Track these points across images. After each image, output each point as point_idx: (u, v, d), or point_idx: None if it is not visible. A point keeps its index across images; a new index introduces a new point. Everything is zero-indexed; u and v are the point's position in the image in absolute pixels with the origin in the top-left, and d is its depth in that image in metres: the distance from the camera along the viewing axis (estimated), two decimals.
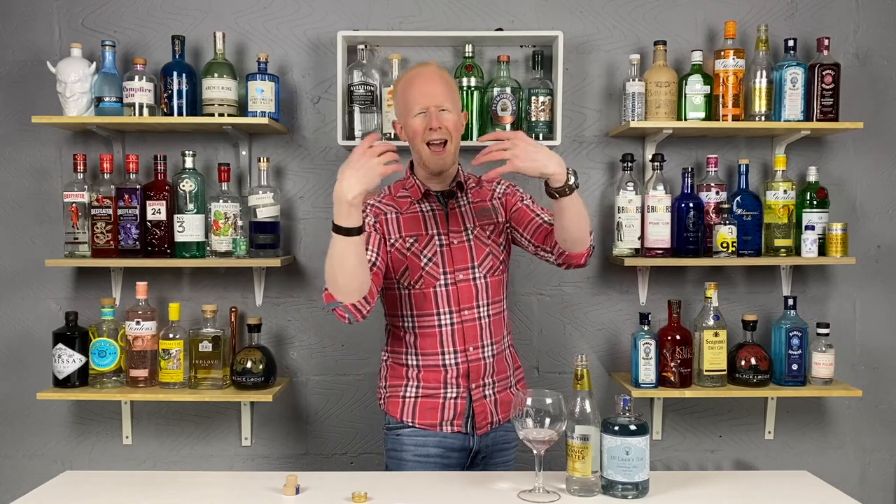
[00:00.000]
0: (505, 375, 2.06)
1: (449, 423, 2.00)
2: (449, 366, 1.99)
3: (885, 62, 2.71)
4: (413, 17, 2.67)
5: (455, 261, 1.99)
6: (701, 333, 2.49)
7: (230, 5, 2.67)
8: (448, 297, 1.98)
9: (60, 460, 2.74)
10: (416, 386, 2.02)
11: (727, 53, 2.51)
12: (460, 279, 1.98)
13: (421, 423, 2.00)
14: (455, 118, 1.96)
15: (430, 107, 1.93)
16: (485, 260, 2.01)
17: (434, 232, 2.00)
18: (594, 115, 2.70)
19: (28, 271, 2.70)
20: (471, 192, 2.07)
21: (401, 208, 2.03)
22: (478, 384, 2.00)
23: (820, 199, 2.60)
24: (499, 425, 2.04)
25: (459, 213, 2.03)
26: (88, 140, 2.67)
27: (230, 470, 2.70)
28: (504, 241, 2.07)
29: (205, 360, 2.49)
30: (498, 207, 2.08)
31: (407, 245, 1.99)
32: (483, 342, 2.00)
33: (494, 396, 2.03)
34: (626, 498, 1.64)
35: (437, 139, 1.94)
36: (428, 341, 2.00)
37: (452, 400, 1.99)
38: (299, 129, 2.70)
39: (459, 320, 1.98)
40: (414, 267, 1.98)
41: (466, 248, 2.00)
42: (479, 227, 2.03)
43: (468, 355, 1.99)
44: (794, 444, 2.77)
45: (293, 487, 1.70)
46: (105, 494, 1.74)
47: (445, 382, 1.99)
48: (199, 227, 2.54)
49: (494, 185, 2.10)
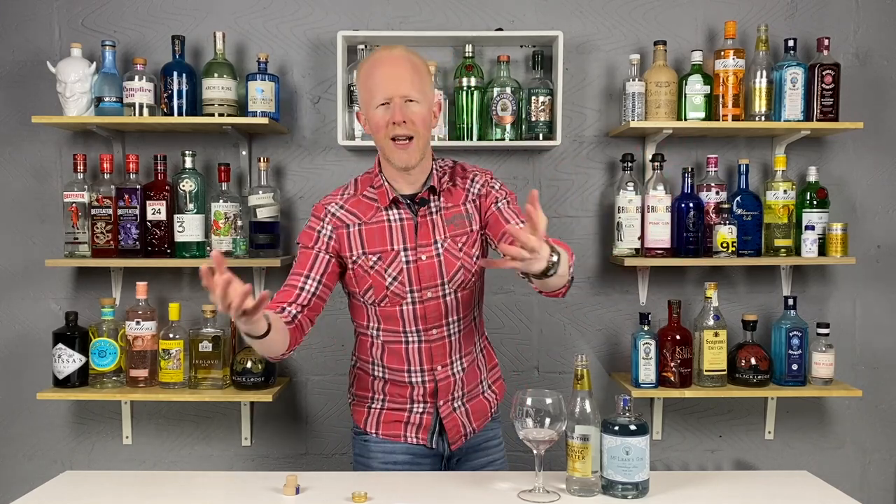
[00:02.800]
0: (475, 383, 1.96)
1: (413, 435, 1.91)
2: (416, 383, 1.89)
3: (885, 62, 2.71)
4: (413, 17, 2.67)
5: (422, 279, 1.83)
6: (701, 333, 2.49)
7: (230, 5, 2.67)
8: (415, 316, 1.84)
9: (60, 460, 2.74)
10: (381, 399, 1.93)
11: (727, 53, 2.51)
12: (428, 297, 1.84)
13: (384, 433, 1.93)
14: (423, 110, 1.75)
15: (395, 97, 1.73)
16: (455, 275, 1.84)
17: (400, 247, 1.83)
18: (594, 115, 2.70)
19: (28, 271, 2.70)
20: (443, 196, 1.86)
21: (365, 216, 1.85)
22: (446, 400, 1.90)
23: (820, 199, 2.60)
24: (474, 435, 1.95)
25: (430, 222, 1.84)
26: (88, 140, 2.67)
27: (230, 470, 2.70)
28: (478, 252, 1.88)
29: (205, 360, 2.49)
30: (472, 212, 1.87)
31: (370, 263, 1.83)
32: (452, 359, 1.90)
33: (465, 407, 1.93)
34: (626, 498, 1.64)
35: (401, 135, 1.74)
36: (394, 357, 1.89)
37: (418, 415, 1.91)
38: (299, 129, 2.70)
39: (427, 339, 1.86)
40: (378, 286, 1.83)
41: (435, 265, 1.83)
42: (451, 238, 1.84)
43: (436, 374, 1.88)
44: (794, 444, 2.77)
45: (293, 487, 1.70)
46: (105, 494, 1.74)
47: (412, 398, 1.91)
48: (199, 227, 2.54)
49: (468, 182, 1.88)
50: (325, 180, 2.69)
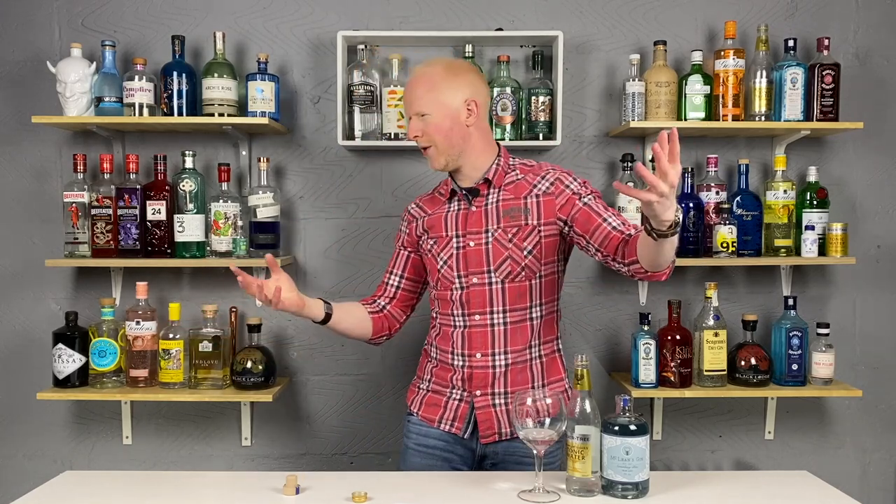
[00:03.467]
0: (524, 387, 1.94)
1: (448, 422, 1.99)
2: (456, 367, 1.98)
3: (885, 62, 2.71)
4: (413, 17, 2.67)
5: (469, 264, 1.94)
6: (701, 333, 2.49)
7: (230, 5, 2.67)
8: (461, 300, 1.96)
9: (60, 460, 2.74)
10: (429, 380, 2.05)
11: (727, 53, 2.51)
12: (474, 283, 1.94)
13: (423, 415, 2.03)
14: (437, 120, 1.91)
15: (411, 115, 1.95)
16: (502, 264, 1.91)
17: (453, 233, 1.98)
18: (594, 115, 2.70)
19: (28, 271, 2.70)
20: (505, 189, 1.95)
21: (431, 209, 2.05)
22: (484, 392, 1.95)
23: (820, 199, 2.60)
24: (511, 437, 1.94)
25: (483, 212, 1.94)
26: (88, 140, 2.67)
27: (230, 470, 2.70)
28: (531, 247, 1.91)
29: (205, 360, 2.49)
30: (531, 207, 1.92)
31: (428, 246, 2.02)
32: (494, 350, 1.94)
33: (506, 407, 1.94)
34: (626, 498, 1.64)
35: (421, 146, 1.97)
36: (444, 339, 2.01)
37: (456, 402, 1.99)
38: (299, 129, 2.70)
39: (470, 324, 1.95)
40: (432, 269, 2.02)
41: (482, 252, 1.93)
42: (502, 228, 1.92)
43: (473, 361, 1.95)
44: (794, 444, 2.77)
45: (293, 487, 1.70)
46: (105, 494, 1.74)
47: (452, 382, 1.99)
48: (199, 227, 2.54)
49: (537, 179, 1.95)
50: (325, 180, 2.70)
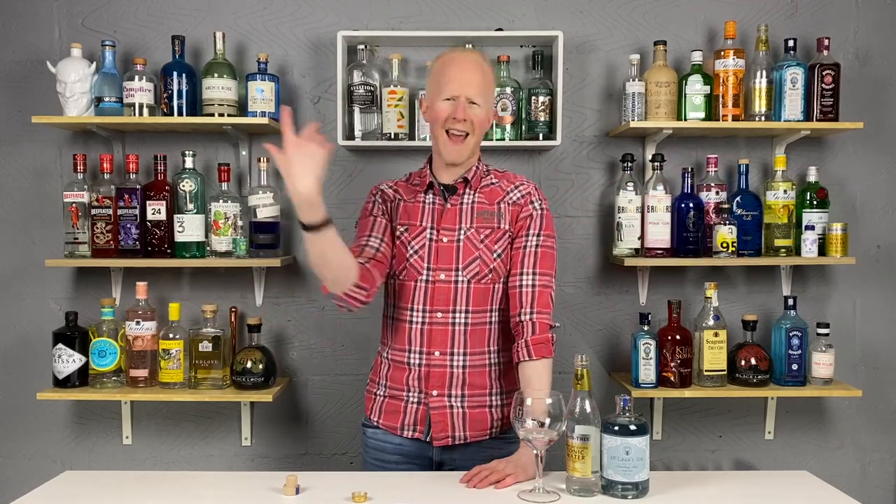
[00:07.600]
0: (482, 390, 1.92)
1: (410, 428, 1.93)
2: (412, 365, 1.91)
3: (885, 62, 2.71)
4: (413, 17, 2.67)
5: (439, 259, 1.90)
6: (701, 333, 2.49)
7: (230, 5, 2.67)
8: (424, 294, 1.91)
9: (60, 460, 2.74)
10: (384, 385, 1.98)
11: (727, 53, 2.51)
12: (441, 279, 1.90)
13: (384, 423, 1.96)
14: (483, 114, 1.90)
15: (461, 96, 1.87)
16: (471, 264, 1.89)
17: (427, 225, 1.94)
18: (594, 115, 2.70)
19: (28, 271, 2.70)
20: (481, 191, 1.95)
21: (406, 196, 1.99)
22: (441, 392, 1.90)
23: (820, 199, 2.60)
24: (464, 442, 1.91)
25: (458, 210, 1.93)
26: (88, 140, 2.67)
27: (230, 470, 2.70)
28: (501, 250, 1.92)
29: (205, 360, 2.49)
30: (504, 213, 1.93)
31: (398, 232, 1.96)
32: (454, 349, 1.90)
33: (462, 410, 1.90)
34: (626, 498, 1.64)
35: (458, 130, 1.88)
36: (399, 336, 1.94)
37: (414, 405, 1.93)
38: (299, 129, 2.68)
39: (431, 321, 1.90)
40: (400, 256, 1.94)
41: (454, 248, 1.90)
42: (475, 228, 1.91)
43: (431, 359, 1.90)
44: (794, 444, 2.77)
45: (293, 487, 1.70)
46: (105, 494, 1.74)
47: (408, 384, 1.92)
48: (199, 227, 2.54)
49: (510, 186, 1.97)
50: (325, 180, 2.67)
